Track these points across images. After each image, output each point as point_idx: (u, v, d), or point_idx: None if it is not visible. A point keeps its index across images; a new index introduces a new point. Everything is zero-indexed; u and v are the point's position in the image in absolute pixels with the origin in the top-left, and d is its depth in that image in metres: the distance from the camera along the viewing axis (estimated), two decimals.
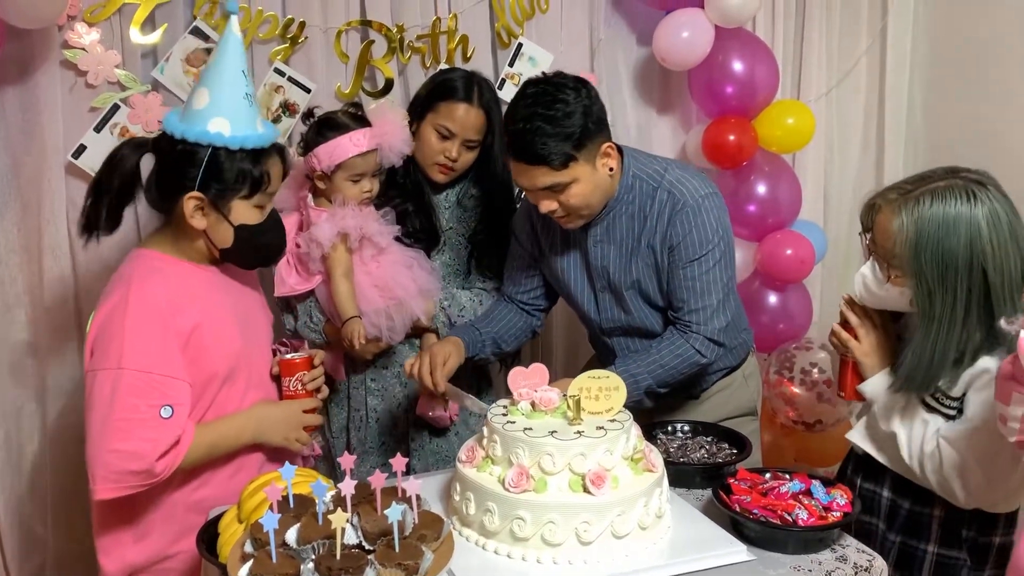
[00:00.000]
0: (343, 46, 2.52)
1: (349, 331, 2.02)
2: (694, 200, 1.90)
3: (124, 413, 1.60)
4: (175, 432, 1.64)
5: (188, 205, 1.69)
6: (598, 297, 2.06)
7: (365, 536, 1.27)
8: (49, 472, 2.46)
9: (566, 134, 1.79)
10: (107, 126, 2.33)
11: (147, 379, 1.62)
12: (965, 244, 1.52)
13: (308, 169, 2.08)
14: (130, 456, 1.60)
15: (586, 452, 1.51)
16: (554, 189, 1.84)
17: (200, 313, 1.71)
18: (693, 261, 1.91)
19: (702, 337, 1.93)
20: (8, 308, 2.40)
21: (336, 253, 2.06)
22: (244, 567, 1.22)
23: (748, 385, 2.18)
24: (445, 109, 2.15)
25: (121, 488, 1.62)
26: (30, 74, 2.28)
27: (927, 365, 1.58)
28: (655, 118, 2.95)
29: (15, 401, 2.43)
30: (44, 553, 2.49)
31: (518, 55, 2.68)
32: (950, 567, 1.70)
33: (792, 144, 2.84)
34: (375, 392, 2.23)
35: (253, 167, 1.70)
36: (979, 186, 1.55)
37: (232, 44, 1.71)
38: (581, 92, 1.83)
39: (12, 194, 2.35)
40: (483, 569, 1.46)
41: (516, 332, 2.17)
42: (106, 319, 1.66)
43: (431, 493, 1.73)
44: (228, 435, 1.76)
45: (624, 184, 1.94)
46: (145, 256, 1.76)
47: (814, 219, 3.06)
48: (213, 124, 1.67)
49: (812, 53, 3.07)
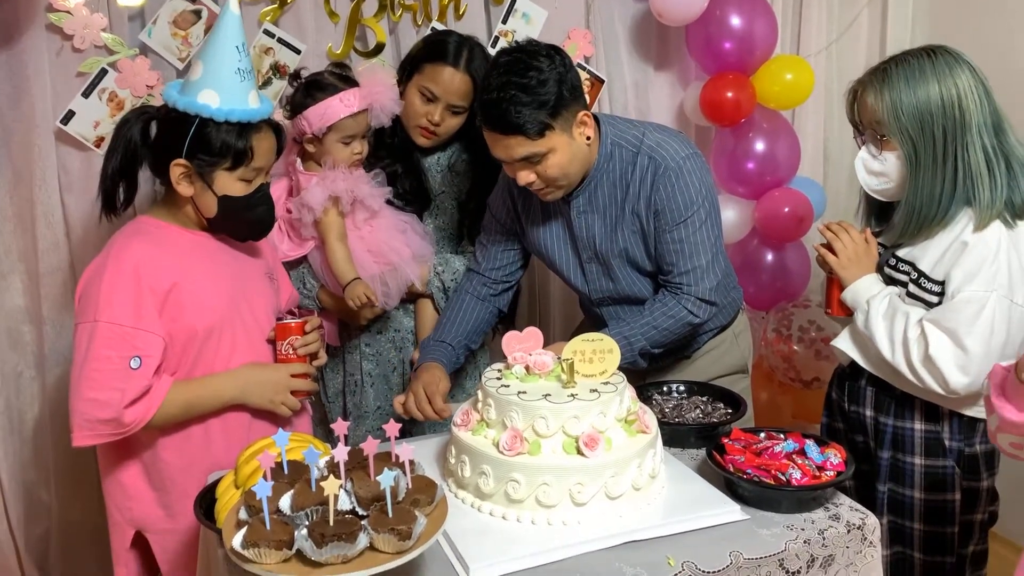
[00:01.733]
0: (332, 5, 2.47)
1: (353, 293, 2.00)
2: (675, 162, 1.88)
3: (96, 364, 1.67)
4: (142, 382, 1.69)
5: (174, 172, 1.75)
6: (584, 268, 2.05)
7: (359, 502, 1.28)
8: (50, 438, 2.47)
9: (540, 102, 1.76)
10: (95, 91, 2.30)
11: (119, 331, 1.68)
12: (936, 89, 1.69)
13: (297, 133, 2.06)
14: (100, 405, 1.67)
15: (580, 415, 1.51)
16: (531, 160, 1.82)
17: (180, 273, 1.76)
18: (679, 223, 1.90)
19: (693, 298, 1.93)
20: (3, 275, 2.39)
21: (328, 217, 2.04)
22: (238, 534, 1.23)
23: (739, 343, 2.19)
24: (430, 71, 2.12)
25: (95, 436, 1.69)
26: (16, 39, 2.25)
27: (918, 209, 1.74)
28: (652, 75, 2.91)
29: (15, 367, 2.44)
30: (49, 519, 2.52)
31: (511, 12, 2.63)
32: (940, 477, 1.80)
33: (791, 100, 2.80)
34: (370, 357, 2.23)
35: (237, 140, 1.73)
36: (941, 50, 1.74)
37: (228, 20, 1.73)
38: (555, 60, 1.80)
39: (3, 162, 2.32)
40: (478, 531, 1.48)
41: (483, 326, 2.14)
42: (89, 277, 1.74)
43: (427, 456, 1.74)
44: (207, 393, 1.79)
45: (603, 152, 1.92)
46: (138, 221, 1.83)
47: (813, 176, 3.03)
48: (203, 95, 1.72)
49: (812, 6, 3.02)
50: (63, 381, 2.45)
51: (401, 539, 1.22)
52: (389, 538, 1.21)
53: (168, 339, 1.73)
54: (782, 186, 2.80)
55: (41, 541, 2.53)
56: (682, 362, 2.15)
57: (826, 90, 3.10)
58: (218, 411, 1.82)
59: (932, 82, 1.70)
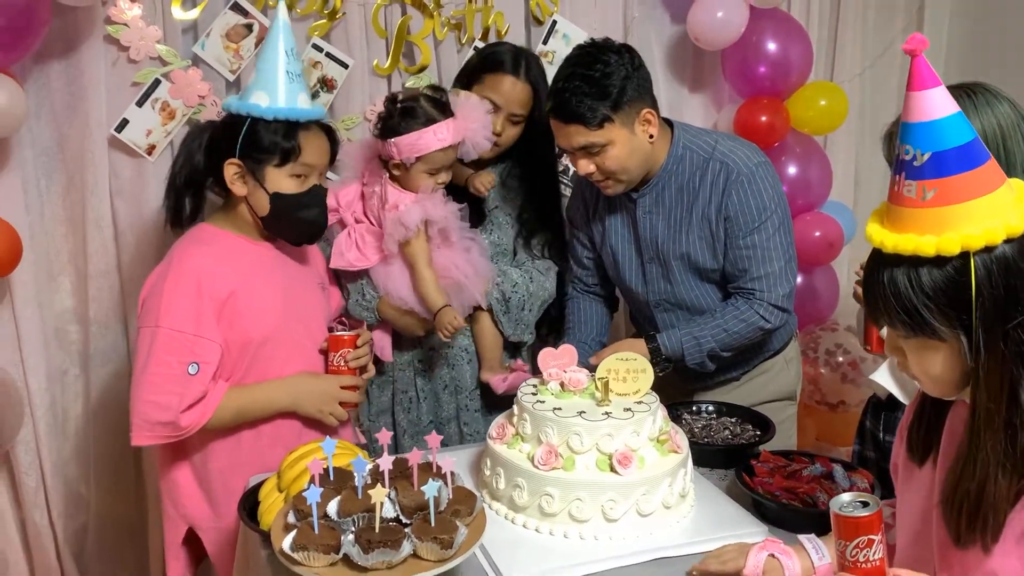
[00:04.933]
0: (381, 21, 2.54)
1: (444, 321, 2.01)
2: (748, 169, 1.92)
3: (156, 368, 1.74)
4: (200, 388, 1.76)
5: (228, 171, 1.82)
6: (645, 269, 2.09)
7: (402, 510, 1.33)
8: (92, 435, 2.55)
9: (603, 93, 1.83)
10: (148, 100, 2.38)
11: (179, 338, 1.74)
12: (979, 126, 1.56)
13: (385, 154, 2.05)
14: (159, 407, 1.73)
15: (613, 433, 1.56)
16: (590, 150, 1.89)
17: (238, 282, 1.82)
18: (753, 230, 1.93)
19: (767, 303, 1.95)
20: (53, 277, 2.47)
21: (418, 241, 2.04)
22: (288, 537, 1.29)
23: (789, 370, 2.20)
24: (491, 81, 2.15)
25: (152, 437, 1.76)
26: (74, 50, 2.33)
27: None
28: (687, 96, 2.95)
29: (60, 366, 2.51)
30: (87, 513, 2.59)
31: (552, 32, 2.69)
32: None
33: (825, 126, 2.84)
34: (422, 373, 2.22)
35: (285, 137, 1.79)
36: (980, 87, 1.64)
37: (278, 27, 1.84)
38: (624, 57, 1.88)
39: (57, 167, 2.41)
40: (512, 543, 1.52)
41: (605, 320, 2.23)
42: (153, 283, 1.81)
43: (460, 466, 1.78)
44: (260, 399, 1.85)
45: (674, 154, 1.97)
46: (199, 229, 1.91)
47: (844, 201, 3.06)
48: (254, 97, 1.81)
49: (847, 33, 3.05)
50: (106, 381, 2.53)
51: (443, 548, 1.27)
52: (432, 546, 1.27)
53: (225, 346, 1.79)
54: (813, 210, 2.84)
55: (79, 534, 2.60)
56: (730, 383, 2.16)
57: (859, 115, 3.12)
58: (270, 417, 1.87)
59: (974, 120, 1.63)
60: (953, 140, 1.06)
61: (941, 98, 1.07)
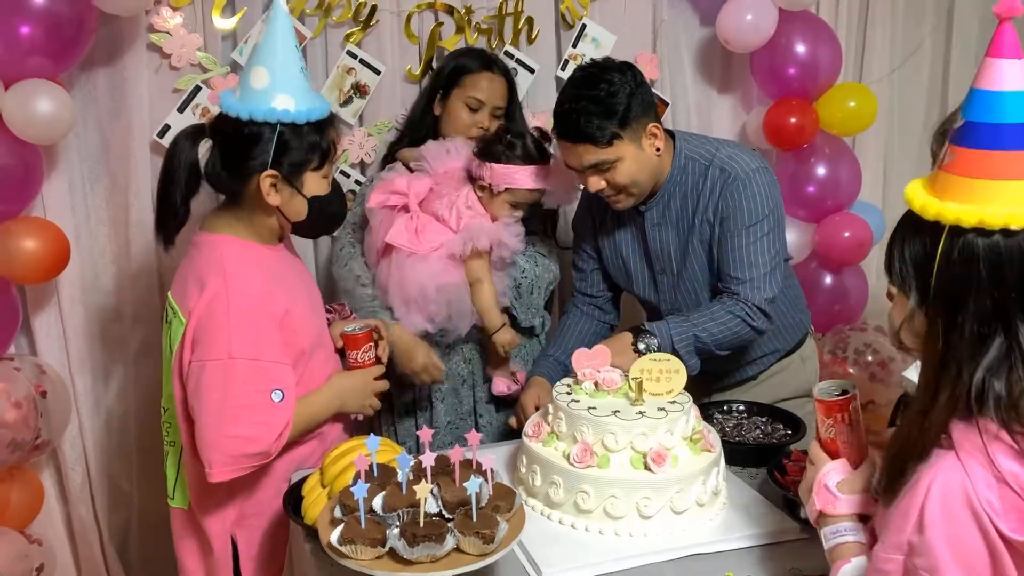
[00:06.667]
0: (414, 28, 2.59)
1: (503, 340, 2.15)
2: (745, 173, 1.95)
3: (239, 400, 1.67)
4: (287, 414, 1.72)
5: (264, 183, 1.72)
6: (656, 280, 2.13)
7: (445, 506, 1.37)
8: (134, 431, 2.62)
9: (610, 112, 1.87)
10: (189, 107, 2.45)
11: (256, 367, 1.69)
12: None
13: (476, 174, 2.14)
14: (248, 440, 1.68)
15: (647, 432, 1.59)
16: (600, 168, 1.92)
17: (287, 297, 1.79)
18: (742, 231, 1.95)
19: (750, 304, 1.95)
20: (97, 276, 2.55)
21: (484, 260, 2.13)
22: (335, 530, 1.33)
23: (805, 367, 2.23)
24: (471, 81, 2.26)
25: (237, 470, 1.69)
26: (118, 57, 2.41)
27: None
28: (716, 98, 2.97)
29: (104, 364, 2.59)
30: (130, 508, 2.67)
31: (582, 36, 2.72)
32: None
33: (854, 127, 2.85)
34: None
35: (320, 139, 1.75)
36: None
37: (282, 20, 1.71)
38: (627, 75, 1.91)
39: (102, 170, 2.49)
40: (549, 538, 1.56)
41: (589, 337, 2.19)
42: (207, 309, 1.70)
43: (496, 464, 1.81)
44: (318, 407, 1.85)
45: (677, 165, 2.00)
46: (227, 242, 1.78)
47: (873, 201, 3.07)
48: (278, 102, 1.69)
49: (876, 34, 3.06)
50: (148, 378, 2.60)
51: (485, 542, 1.31)
52: (474, 541, 1.31)
53: (291, 364, 1.76)
54: (842, 211, 2.85)
55: (122, 528, 2.68)
56: (748, 383, 2.20)
57: (888, 116, 3.13)
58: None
59: None
60: (1013, 116, 1.05)
61: (1013, 71, 1.05)
